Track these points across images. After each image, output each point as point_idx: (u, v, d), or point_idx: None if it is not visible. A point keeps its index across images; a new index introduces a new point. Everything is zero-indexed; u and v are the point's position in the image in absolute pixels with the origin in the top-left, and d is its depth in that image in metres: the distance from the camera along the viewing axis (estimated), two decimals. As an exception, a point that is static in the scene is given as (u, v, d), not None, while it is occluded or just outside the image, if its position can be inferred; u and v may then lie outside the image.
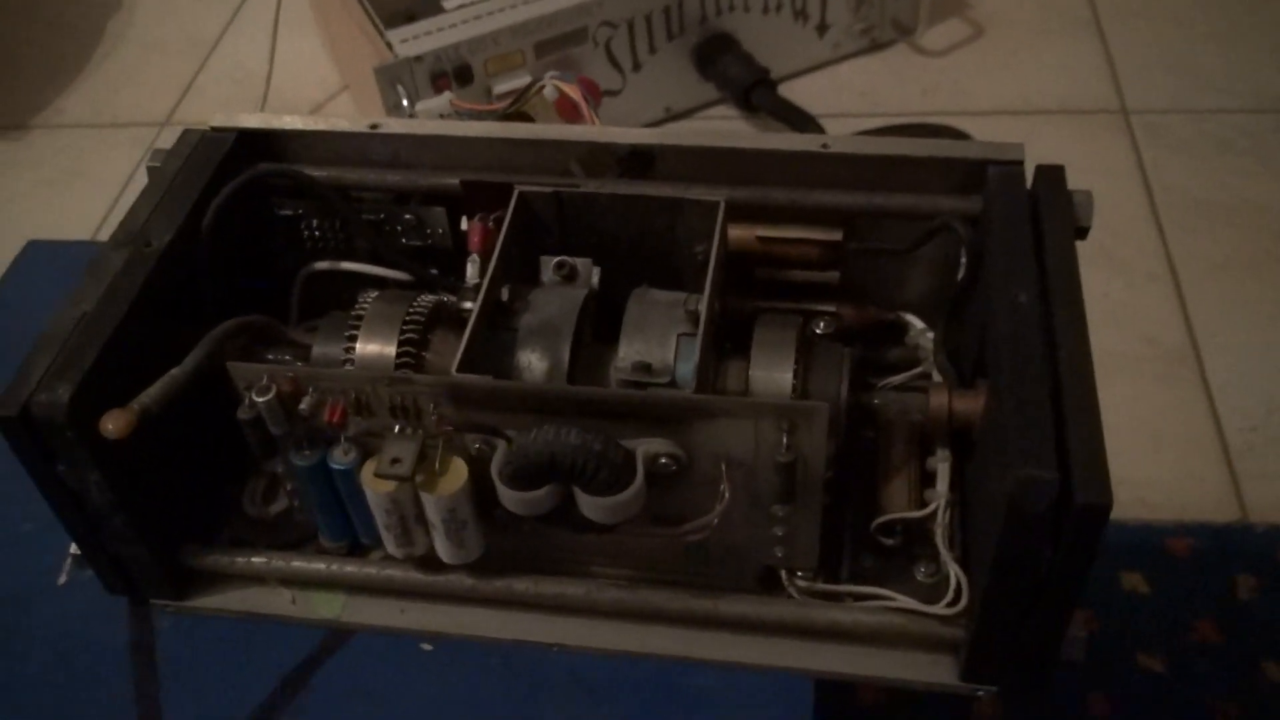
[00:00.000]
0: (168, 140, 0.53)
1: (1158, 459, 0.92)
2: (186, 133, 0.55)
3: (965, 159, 0.50)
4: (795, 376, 0.47)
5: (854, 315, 0.55)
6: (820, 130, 1.13)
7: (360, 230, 0.54)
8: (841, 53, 1.28)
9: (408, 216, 0.54)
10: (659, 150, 0.53)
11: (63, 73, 1.41)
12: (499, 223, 0.51)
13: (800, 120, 1.15)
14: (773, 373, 0.47)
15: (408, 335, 0.49)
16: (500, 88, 1.10)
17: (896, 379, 0.54)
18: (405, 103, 1.04)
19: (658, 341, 0.47)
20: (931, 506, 0.49)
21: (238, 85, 1.36)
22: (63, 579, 0.56)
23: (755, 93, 1.16)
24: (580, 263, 0.50)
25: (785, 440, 0.43)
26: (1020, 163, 0.50)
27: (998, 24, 1.31)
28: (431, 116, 0.76)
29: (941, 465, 0.49)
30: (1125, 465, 0.92)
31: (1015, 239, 0.47)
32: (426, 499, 0.45)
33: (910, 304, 0.56)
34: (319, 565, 0.50)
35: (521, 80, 1.09)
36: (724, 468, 0.44)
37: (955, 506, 0.49)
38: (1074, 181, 0.49)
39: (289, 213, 0.55)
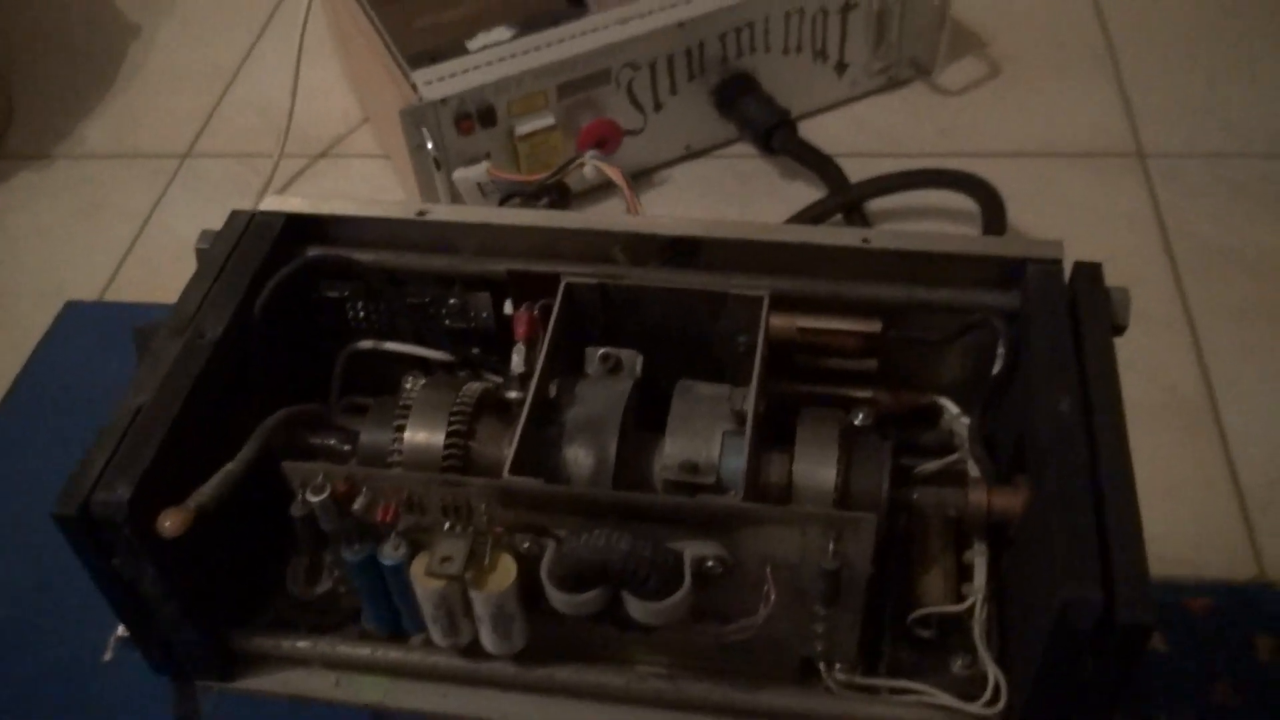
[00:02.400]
0: (192, 173, 0.54)
1: (1174, 512, 0.93)
2: (234, 215, 0.56)
3: (1004, 256, 0.51)
4: (838, 475, 0.48)
5: (890, 400, 0.56)
6: (839, 172, 1.14)
7: (405, 312, 0.55)
8: (860, 91, 1.28)
9: (453, 301, 0.55)
10: (702, 242, 0.54)
11: (84, 101, 1.42)
12: (545, 310, 0.52)
13: (819, 162, 1.15)
14: (817, 469, 0.48)
15: (455, 426, 0.50)
16: (523, 129, 1.11)
17: (932, 466, 0.54)
18: (430, 145, 1.05)
19: (703, 439, 0.48)
20: (969, 601, 0.50)
21: (260, 115, 1.36)
22: (108, 656, 0.57)
23: (776, 135, 1.17)
24: (625, 354, 0.51)
25: (832, 548, 0.43)
26: (1058, 261, 0.51)
27: (1014, 63, 1.32)
28: (469, 186, 0.77)
29: (979, 559, 0.50)
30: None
31: (1056, 340, 0.48)
32: (475, 595, 0.46)
33: (945, 387, 0.57)
34: (364, 650, 0.51)
35: (544, 121, 1.10)
36: (769, 570, 0.45)
37: (991, 600, 0.50)
38: (1091, 228, 0.50)
39: (335, 295, 0.56)
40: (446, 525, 0.46)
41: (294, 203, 0.55)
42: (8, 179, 1.31)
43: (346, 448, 0.52)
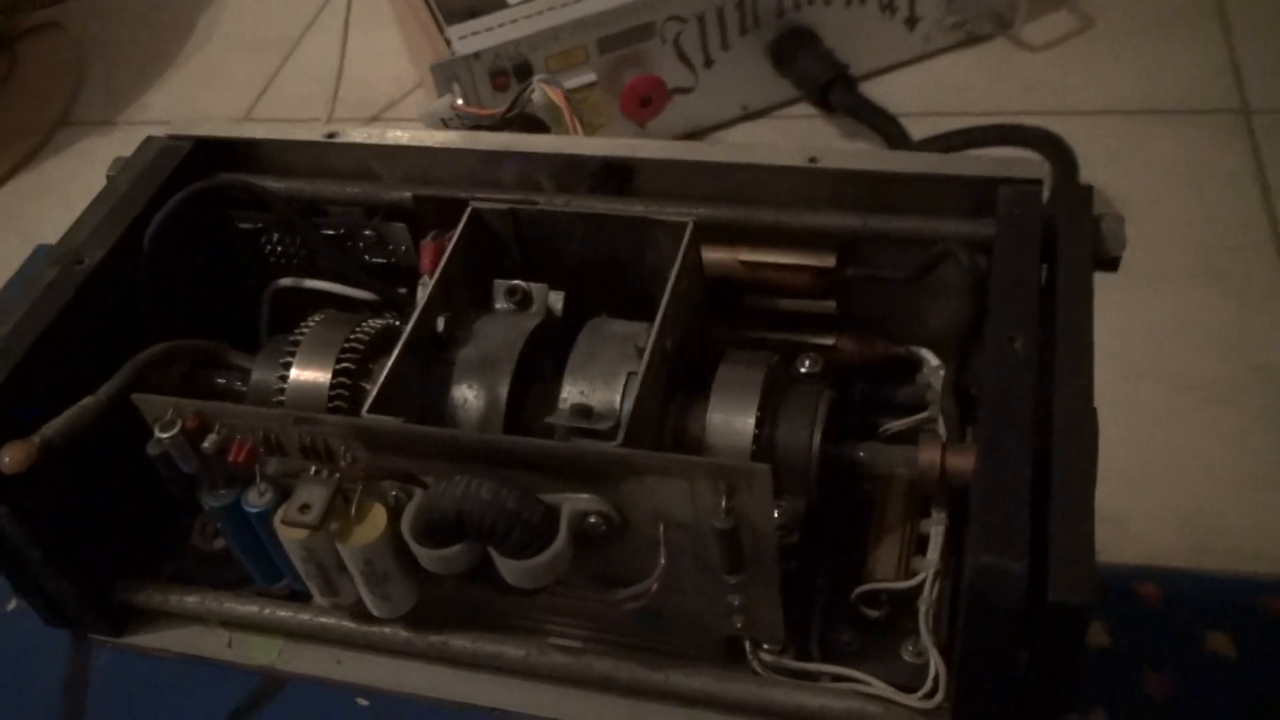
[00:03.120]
0: None
1: (1256, 503, 0.82)
2: (148, 140, 0.52)
3: (972, 176, 0.44)
4: (760, 424, 0.42)
5: (856, 349, 0.49)
6: (901, 131, 1.05)
7: (319, 246, 0.51)
8: (933, 47, 1.19)
9: (368, 232, 0.50)
10: (636, 164, 0.48)
11: (151, 70, 1.42)
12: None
13: (881, 120, 1.07)
14: (733, 418, 0.42)
15: (344, 364, 0.45)
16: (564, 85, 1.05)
17: (900, 424, 0.47)
18: (459, 101, 1.01)
19: (603, 380, 0.42)
20: (919, 577, 0.43)
21: (318, 82, 1.34)
22: (12, 605, 0.55)
23: (833, 91, 1.09)
24: (535, 288, 0.46)
25: (724, 504, 0.37)
26: (1037, 181, 0.43)
27: (1109, 16, 1.21)
28: (434, 121, 0.73)
29: (935, 529, 0.43)
30: (1219, 509, 0.83)
31: (1019, 270, 0.40)
32: (341, 549, 0.41)
33: (926, 337, 0.49)
34: (252, 608, 0.47)
35: (585, 78, 1.05)
36: (662, 529, 0.39)
37: (946, 577, 0.43)
38: (1185, 189, 0.42)
39: (249, 226, 0.52)
40: (312, 470, 0.41)
41: (206, 126, 0.51)
42: (72, 145, 1.33)
43: (244, 388, 0.47)
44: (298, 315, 0.52)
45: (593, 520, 0.39)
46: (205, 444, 0.41)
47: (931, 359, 0.49)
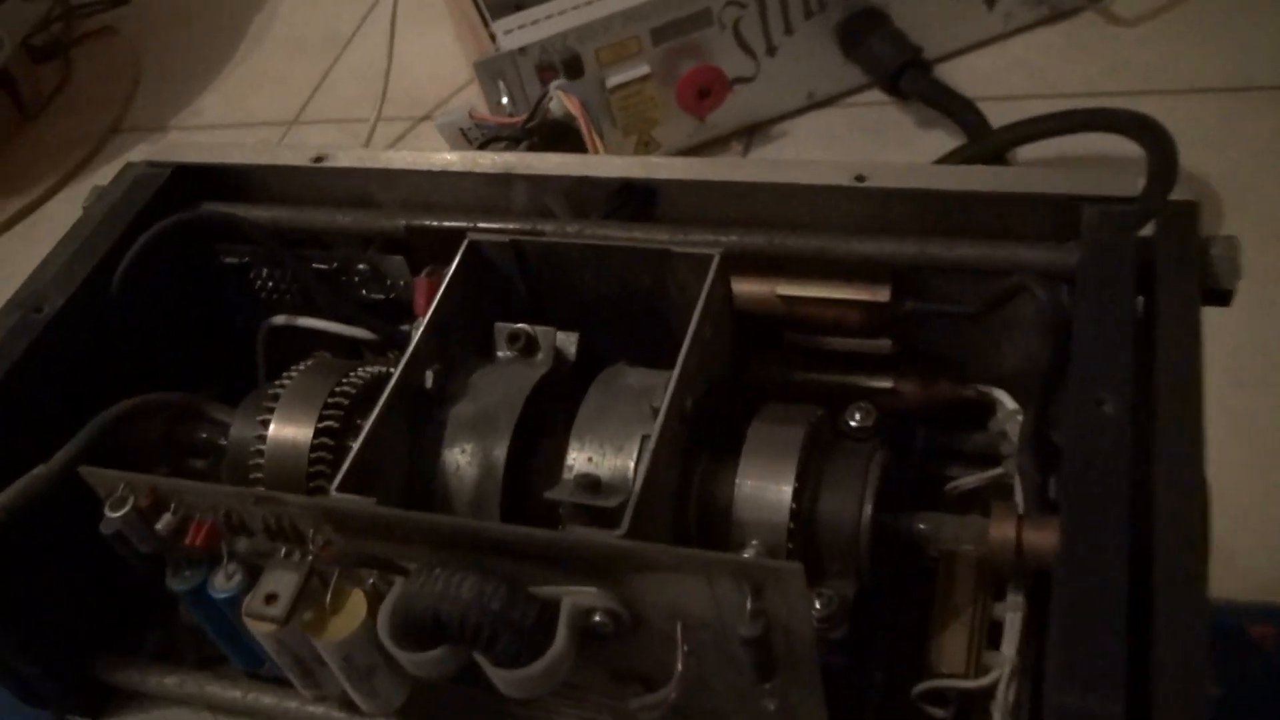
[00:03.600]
0: (296, 138, 0.46)
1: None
2: (126, 167, 0.47)
3: (1051, 195, 0.37)
4: (799, 493, 0.35)
5: (918, 392, 0.42)
6: (980, 117, 0.97)
7: (310, 282, 0.45)
8: (1014, 25, 1.11)
9: (362, 266, 0.45)
10: (658, 185, 0.41)
11: (205, 73, 1.40)
12: (457, 278, 0.41)
13: (958, 106, 0.99)
14: (766, 485, 0.36)
15: (328, 420, 0.40)
16: (614, 79, 1.00)
17: (969, 480, 0.41)
18: (505, 100, 0.95)
19: (614, 445, 0.36)
20: (993, 675, 0.36)
21: (368, 82, 1.30)
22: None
23: (905, 76, 1.01)
24: (541, 332, 0.40)
25: (750, 605, 0.31)
26: (1129, 200, 0.36)
27: (1208, -17, 1.11)
28: (452, 132, 0.67)
29: (1010, 616, 0.36)
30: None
31: (1107, 310, 0.33)
32: (316, 643, 0.36)
33: (1002, 375, 0.42)
34: (235, 693, 0.42)
35: (638, 70, 0.98)
36: (680, 629, 0.33)
37: (1025, 676, 0.36)
38: None
39: (234, 261, 0.47)
40: (282, 552, 0.36)
41: (186, 150, 0.46)
42: (124, 153, 1.30)
43: (224, 443, 0.42)
44: (299, 356, 0.47)
45: (599, 619, 0.33)
46: (160, 525, 0.36)
47: (1007, 402, 0.42)
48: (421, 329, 0.38)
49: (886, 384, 0.42)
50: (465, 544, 0.33)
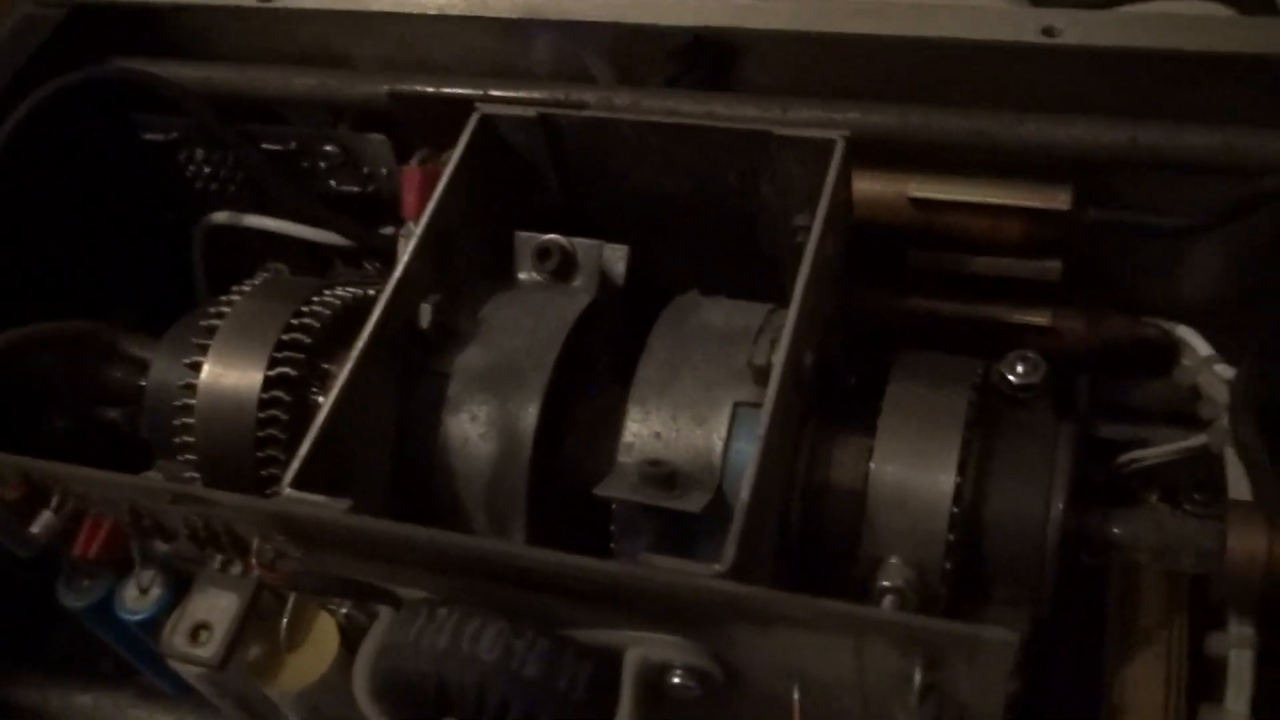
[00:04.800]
0: None
1: None
2: (14, 5, 0.35)
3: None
4: (962, 481, 0.25)
5: (1083, 331, 0.31)
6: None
7: (259, 167, 0.34)
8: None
9: (329, 148, 0.33)
10: (744, 38, 0.30)
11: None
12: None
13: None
14: (917, 475, 0.25)
15: (284, 365, 0.28)
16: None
17: (1154, 453, 0.30)
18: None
19: (692, 416, 0.25)
20: (1214, 738, 0.26)
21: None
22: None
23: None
24: (582, 247, 0.28)
25: (918, 679, 0.20)
26: None
27: None
28: None
29: (1236, 655, 0.26)
30: None
31: None
32: (269, 692, 0.25)
33: (1189, 309, 0.32)
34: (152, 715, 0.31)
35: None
36: (796, 696, 0.22)
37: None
38: None
39: (158, 138, 0.35)
40: (217, 562, 0.25)
41: (86, -15, 0.34)
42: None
43: (143, 384, 0.31)
44: (249, 269, 0.35)
45: (678, 679, 0.22)
46: (37, 526, 0.25)
47: (1199, 344, 0.31)
48: (414, 243, 0.26)
49: (1042, 319, 0.31)
50: (483, 571, 0.22)
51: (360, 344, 0.25)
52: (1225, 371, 0.31)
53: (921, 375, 0.26)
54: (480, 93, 0.30)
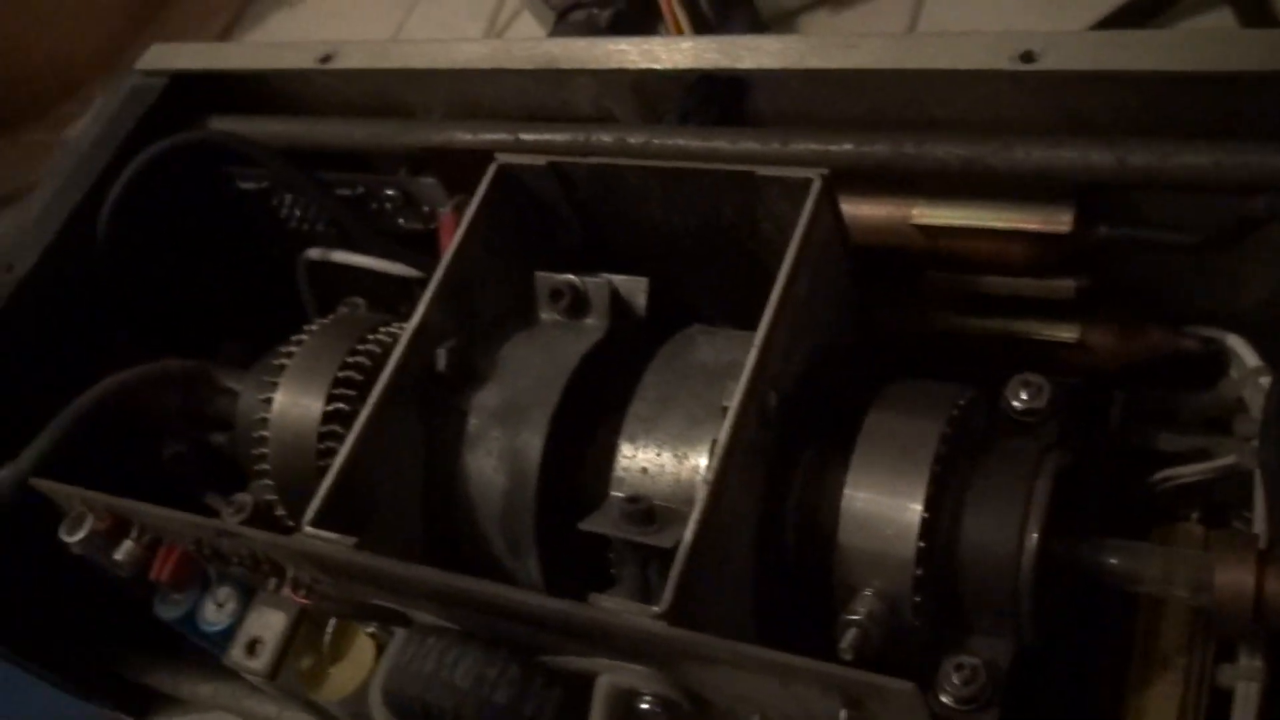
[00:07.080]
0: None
1: None
2: (125, 76, 0.39)
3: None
4: (929, 519, 0.25)
5: (1114, 344, 0.31)
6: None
7: (333, 211, 0.37)
8: None
9: (390, 191, 0.36)
10: (749, 77, 0.31)
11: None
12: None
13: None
14: (884, 501, 0.26)
15: (338, 401, 0.32)
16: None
17: (1188, 471, 0.30)
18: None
19: (677, 449, 0.27)
20: (1214, 768, 0.26)
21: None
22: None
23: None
24: (593, 286, 0.30)
25: (843, 716, 0.21)
26: None
27: None
28: (536, 5, 0.55)
29: (1243, 688, 0.26)
30: None
31: None
32: (316, 698, 0.29)
33: (1241, 317, 0.31)
34: (271, 709, 0.36)
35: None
36: (757, 723, 0.24)
37: (1261, 771, 0.25)
38: None
39: (252, 187, 0.39)
40: (271, 584, 0.28)
41: (186, 55, 0.38)
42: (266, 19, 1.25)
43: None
44: (345, 295, 0.39)
45: (647, 706, 0.24)
46: (120, 553, 0.29)
47: (1247, 355, 0.30)
48: (429, 292, 0.29)
49: (1070, 335, 0.31)
50: (470, 605, 0.25)
51: (377, 390, 0.28)
52: (1264, 382, 0.30)
53: (900, 405, 0.27)
54: (511, 138, 0.32)
